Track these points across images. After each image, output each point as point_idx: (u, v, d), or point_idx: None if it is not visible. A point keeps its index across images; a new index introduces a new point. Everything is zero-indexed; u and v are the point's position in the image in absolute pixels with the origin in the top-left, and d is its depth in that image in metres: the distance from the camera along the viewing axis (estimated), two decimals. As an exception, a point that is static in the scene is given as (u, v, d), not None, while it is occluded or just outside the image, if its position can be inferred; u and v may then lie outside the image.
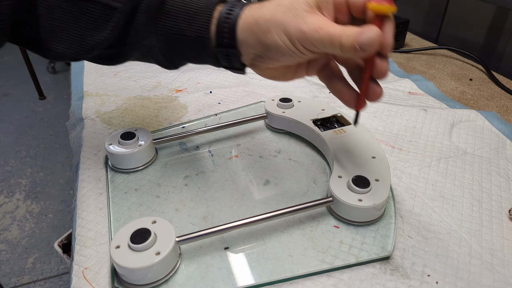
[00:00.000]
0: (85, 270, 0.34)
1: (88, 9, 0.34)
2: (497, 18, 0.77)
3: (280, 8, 0.30)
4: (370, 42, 0.27)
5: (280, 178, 0.44)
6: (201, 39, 0.34)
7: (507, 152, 0.49)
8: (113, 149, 0.44)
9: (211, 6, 0.34)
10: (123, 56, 0.37)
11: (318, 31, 0.29)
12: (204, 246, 0.36)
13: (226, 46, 0.33)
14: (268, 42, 0.31)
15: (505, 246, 0.36)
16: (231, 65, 0.35)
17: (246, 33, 0.32)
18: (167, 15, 0.34)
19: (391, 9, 0.28)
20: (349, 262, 0.34)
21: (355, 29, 0.28)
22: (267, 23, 0.31)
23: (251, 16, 0.32)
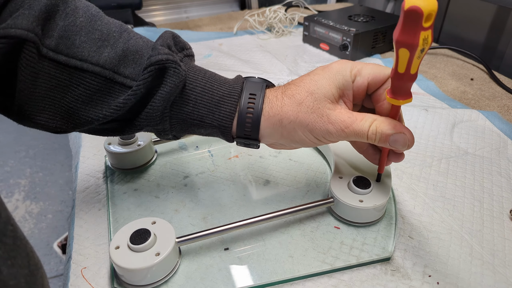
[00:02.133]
0: (83, 269, 0.34)
1: (84, 80, 0.30)
2: (498, 18, 0.76)
3: (303, 109, 0.31)
4: (403, 145, 0.29)
5: (280, 178, 0.44)
6: (222, 128, 0.32)
7: (508, 152, 0.49)
8: (113, 149, 0.44)
9: (235, 96, 0.32)
10: (121, 132, 0.33)
11: (344, 131, 0.30)
12: (204, 247, 0.36)
13: (247, 138, 0.33)
14: (294, 139, 0.32)
15: (506, 246, 0.36)
16: (248, 147, 0.35)
17: (269, 130, 0.32)
18: (186, 100, 0.32)
19: (408, 101, 0.29)
20: (350, 263, 0.34)
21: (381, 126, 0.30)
22: (292, 124, 0.31)
23: (275, 116, 0.32)
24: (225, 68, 0.72)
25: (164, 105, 0.31)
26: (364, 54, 0.79)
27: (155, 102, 0.30)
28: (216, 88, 0.32)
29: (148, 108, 0.31)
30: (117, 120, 0.32)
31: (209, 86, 0.32)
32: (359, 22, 0.80)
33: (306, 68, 0.75)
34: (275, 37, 0.91)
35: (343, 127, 0.30)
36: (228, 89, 0.32)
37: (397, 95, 0.28)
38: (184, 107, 0.32)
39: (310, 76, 0.32)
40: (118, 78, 0.30)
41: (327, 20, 0.80)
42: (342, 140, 0.32)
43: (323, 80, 0.31)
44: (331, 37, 0.79)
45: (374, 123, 0.30)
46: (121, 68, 0.30)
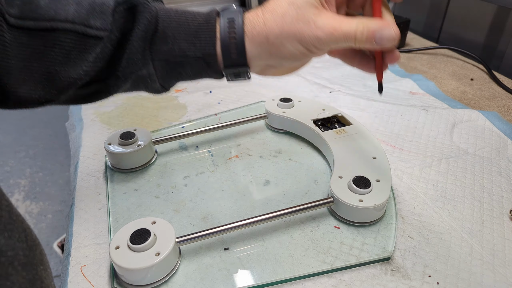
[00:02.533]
0: (83, 267, 0.34)
1: (58, 40, 0.28)
2: (498, 18, 0.76)
3: (288, 19, 0.30)
4: (389, 40, 0.29)
5: (280, 178, 0.44)
6: (208, 57, 0.31)
7: (508, 152, 0.49)
8: (113, 149, 0.44)
9: (212, 21, 0.31)
10: (108, 91, 0.32)
11: (333, 34, 0.29)
12: (204, 247, 0.36)
13: (235, 65, 0.32)
14: (283, 55, 0.31)
15: (506, 246, 0.36)
16: (239, 78, 0.34)
17: (257, 50, 0.31)
18: (162, 38, 0.31)
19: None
20: (350, 262, 0.34)
21: (367, 24, 0.29)
22: (279, 38, 0.30)
23: (259, 34, 0.30)
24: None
25: (143, 46, 0.30)
26: (364, 54, 0.78)
27: (133, 44, 0.30)
28: (191, 20, 0.31)
29: (127, 53, 0.30)
30: (99, 80, 0.31)
31: (184, 19, 0.31)
32: (359, 22, 0.80)
33: (306, 69, 0.74)
34: (275, 37, 0.91)
35: (332, 30, 0.29)
36: (204, 18, 0.31)
37: None
38: (163, 45, 0.31)
39: None
40: (90, 31, 0.29)
41: (327, 20, 0.80)
42: (332, 45, 0.30)
43: None
44: (331, 37, 0.79)
45: (360, 22, 0.29)
46: (91, 21, 0.29)
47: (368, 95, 0.63)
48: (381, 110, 0.57)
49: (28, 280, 0.24)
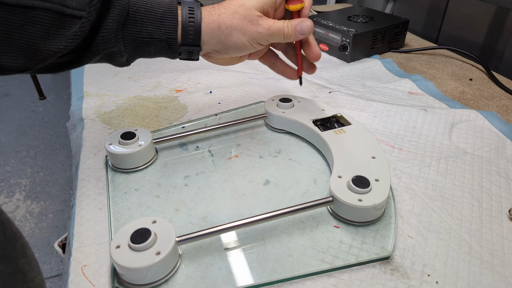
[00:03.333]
0: (83, 267, 0.34)
1: (38, 17, 0.32)
2: (497, 18, 0.77)
3: (237, 16, 0.39)
4: (307, 29, 0.41)
5: (280, 178, 0.44)
6: (170, 40, 0.38)
7: (507, 152, 0.49)
8: (113, 149, 0.44)
9: (174, 10, 0.38)
10: (79, 62, 0.36)
11: (269, 29, 0.40)
12: (204, 246, 0.36)
13: (190, 45, 0.39)
14: (229, 43, 0.40)
15: (505, 246, 0.36)
16: (191, 57, 0.41)
17: (209, 35, 0.39)
18: (132, 21, 0.36)
19: (302, 5, 0.42)
20: (349, 262, 0.34)
21: (291, 21, 0.41)
22: (229, 28, 0.39)
23: (214, 22, 0.39)
24: (225, 68, 0.72)
25: (116, 27, 0.35)
26: (363, 54, 0.79)
27: (108, 25, 0.35)
28: (156, 7, 0.37)
29: (103, 32, 0.35)
30: (73, 51, 0.35)
31: (150, 6, 0.37)
32: (359, 22, 0.80)
33: (306, 69, 0.75)
34: (275, 38, 0.91)
35: (268, 26, 0.39)
36: (167, 6, 0.38)
37: (293, 2, 0.41)
38: (133, 27, 0.37)
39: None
40: (67, 10, 0.33)
41: (327, 20, 0.81)
42: (268, 40, 0.40)
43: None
44: (330, 37, 0.79)
45: (286, 21, 0.41)
46: (67, 1, 0.33)
47: (367, 95, 0.63)
48: (380, 110, 0.57)
49: (8, 274, 0.24)
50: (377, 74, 0.72)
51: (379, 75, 0.72)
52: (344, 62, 0.78)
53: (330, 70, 0.73)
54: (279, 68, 0.49)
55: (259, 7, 0.40)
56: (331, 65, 0.76)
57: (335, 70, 0.73)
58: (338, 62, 0.78)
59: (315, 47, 0.44)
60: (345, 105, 0.59)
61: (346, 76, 0.71)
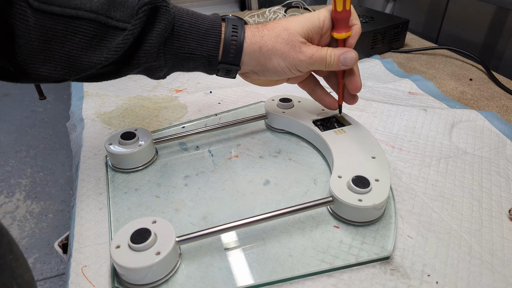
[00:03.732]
0: (84, 267, 0.34)
1: (81, 28, 0.31)
2: (497, 18, 0.77)
3: (280, 40, 0.37)
4: (351, 61, 0.39)
5: (280, 178, 0.44)
6: (211, 57, 0.37)
7: (507, 152, 0.49)
8: (113, 149, 0.44)
9: (218, 27, 0.37)
10: (118, 74, 0.36)
11: (311, 57, 0.38)
12: (204, 246, 0.36)
13: (230, 64, 0.38)
14: (268, 66, 0.39)
15: (505, 246, 0.36)
16: (228, 75, 0.40)
17: (249, 56, 0.38)
18: (176, 36, 0.36)
19: (348, 34, 0.39)
20: (349, 262, 0.34)
21: (335, 50, 0.39)
22: (269, 52, 0.38)
23: (256, 43, 0.37)
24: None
25: (159, 42, 0.34)
26: (363, 54, 0.79)
27: (152, 39, 0.34)
28: (200, 23, 0.36)
29: (146, 46, 0.34)
30: (113, 63, 0.34)
31: (195, 22, 0.36)
32: (359, 22, 0.80)
33: (306, 69, 0.75)
34: (275, 38, 0.91)
35: (311, 54, 0.38)
36: (211, 22, 0.37)
37: (339, 30, 0.39)
38: (175, 42, 0.36)
39: (286, 18, 0.40)
40: (111, 22, 0.32)
41: (327, 20, 0.80)
42: (309, 67, 0.39)
43: (297, 21, 0.38)
44: (331, 37, 0.79)
45: (329, 49, 0.39)
46: (112, 12, 0.32)
47: (367, 95, 0.63)
48: (380, 110, 0.57)
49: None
50: (377, 74, 0.72)
51: (379, 75, 0.72)
52: (344, 62, 0.77)
53: (330, 70, 0.73)
54: (318, 95, 0.46)
55: (304, 32, 0.38)
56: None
57: (335, 70, 0.73)
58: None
59: (357, 78, 0.41)
60: (345, 105, 0.59)
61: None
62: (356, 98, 0.44)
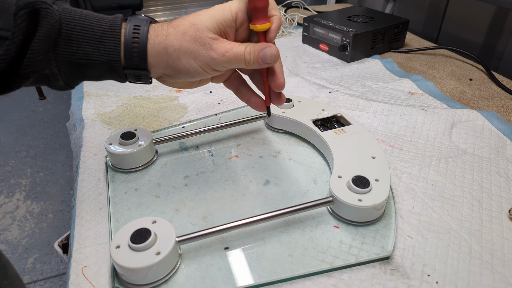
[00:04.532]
0: (84, 268, 0.34)
1: None
2: (497, 18, 0.77)
3: (186, 37, 0.33)
4: (271, 57, 0.34)
5: (280, 178, 0.44)
6: (112, 62, 0.33)
7: (507, 152, 0.49)
8: (113, 149, 0.44)
9: (117, 28, 0.33)
10: (10, 87, 0.32)
11: (225, 55, 0.33)
12: (204, 246, 0.36)
13: (136, 68, 0.34)
14: (178, 68, 0.34)
15: (505, 246, 0.36)
16: (140, 81, 0.36)
17: (156, 58, 0.34)
18: (66, 40, 0.32)
19: (267, 26, 0.34)
20: (349, 262, 0.34)
21: (254, 46, 0.34)
22: (177, 52, 0.33)
23: (160, 44, 0.33)
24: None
25: (45, 47, 0.31)
26: (363, 54, 0.79)
27: (35, 46, 0.30)
28: (95, 24, 0.33)
29: (30, 54, 0.30)
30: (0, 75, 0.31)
31: (88, 24, 0.32)
32: (359, 22, 0.80)
33: (305, 69, 0.75)
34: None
35: (224, 51, 0.33)
36: (109, 23, 0.33)
37: (256, 21, 0.34)
38: (67, 48, 0.32)
39: (195, 13, 0.35)
40: None
41: (327, 20, 0.81)
42: (225, 66, 0.34)
43: (206, 15, 0.34)
44: (330, 37, 0.79)
45: (248, 46, 0.34)
46: None
47: (367, 95, 0.63)
48: (380, 110, 0.57)
49: None
50: (377, 74, 0.72)
51: (379, 75, 0.72)
52: (344, 62, 0.78)
53: (330, 70, 0.73)
54: (243, 95, 0.41)
55: (214, 27, 0.33)
56: (331, 65, 0.76)
57: (335, 70, 0.73)
58: (338, 62, 0.78)
59: (279, 75, 0.36)
60: (345, 105, 0.59)
61: (346, 76, 0.71)
62: (283, 98, 0.39)
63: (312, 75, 0.71)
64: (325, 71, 0.73)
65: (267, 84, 0.38)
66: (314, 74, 0.72)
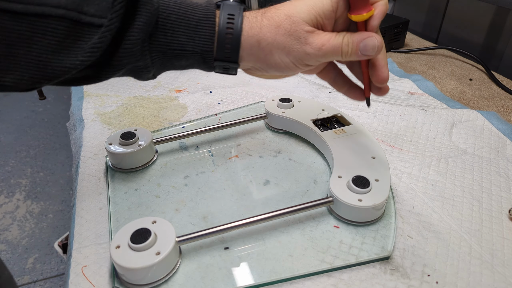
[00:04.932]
0: (84, 267, 0.34)
1: (50, 27, 0.26)
2: (497, 18, 0.77)
3: (281, 31, 0.31)
4: (372, 49, 0.31)
5: (280, 178, 0.44)
6: (204, 53, 0.31)
7: (507, 152, 0.49)
8: (113, 149, 0.44)
9: (211, 17, 0.31)
10: (98, 78, 0.31)
11: (321, 48, 0.31)
12: (204, 246, 0.36)
13: (227, 61, 0.32)
14: (269, 63, 0.32)
15: (505, 246, 0.36)
16: (227, 72, 0.34)
17: (247, 51, 0.32)
18: (162, 29, 0.30)
19: (369, 14, 0.30)
20: (349, 262, 0.34)
21: (352, 36, 0.31)
22: (269, 46, 0.31)
23: (254, 37, 0.31)
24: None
25: (143, 37, 0.29)
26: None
27: (133, 35, 0.29)
28: (190, 13, 0.31)
29: (127, 43, 0.29)
30: (91, 66, 0.29)
31: (183, 12, 0.31)
32: (359, 22, 0.80)
33: (306, 69, 0.75)
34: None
35: (320, 45, 0.31)
36: (203, 11, 0.31)
37: (356, 10, 0.30)
38: (162, 37, 0.30)
39: (290, 2, 0.32)
40: (85, 18, 0.27)
41: (327, 20, 0.80)
42: (321, 59, 0.32)
43: (303, 6, 0.31)
44: (331, 37, 0.79)
45: (346, 36, 0.31)
46: (84, 7, 0.27)
47: (368, 95, 0.63)
48: (380, 110, 0.57)
49: None
50: (377, 74, 0.72)
51: (379, 75, 0.72)
52: (344, 62, 0.77)
53: (330, 70, 0.73)
54: (340, 86, 0.39)
55: (311, 19, 0.31)
56: (331, 65, 0.76)
57: (335, 70, 0.73)
58: (338, 62, 0.78)
59: (382, 68, 0.33)
60: (345, 105, 0.59)
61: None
62: (385, 89, 0.36)
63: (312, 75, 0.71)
64: (325, 71, 0.73)
65: (366, 75, 0.35)
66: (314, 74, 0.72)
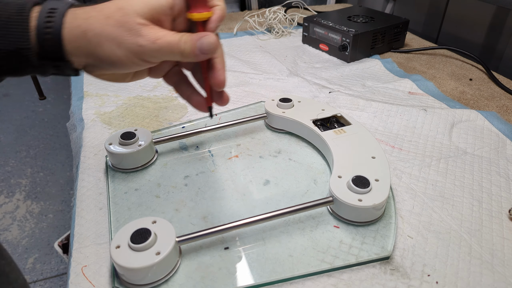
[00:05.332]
0: (84, 267, 0.34)
1: None
2: (497, 18, 0.77)
3: (111, 22, 0.29)
4: (208, 46, 0.30)
5: (280, 178, 0.44)
6: (22, 51, 0.29)
7: (507, 152, 0.49)
8: (113, 149, 0.44)
9: (25, 12, 0.29)
10: None
11: (156, 42, 0.29)
12: (204, 246, 0.36)
13: (53, 58, 0.30)
14: (99, 56, 0.30)
15: (505, 246, 0.36)
16: (62, 73, 0.32)
17: (74, 44, 0.29)
18: None
19: (207, 15, 0.31)
20: (349, 262, 0.34)
21: (191, 35, 0.30)
22: (97, 37, 0.29)
23: (78, 28, 0.29)
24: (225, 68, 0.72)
25: None
26: (363, 54, 0.79)
27: None
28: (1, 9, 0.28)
29: None
30: None
31: None
32: (358, 22, 0.80)
33: (305, 69, 0.75)
34: (274, 38, 0.91)
35: (155, 38, 0.29)
36: (16, 7, 0.29)
37: (195, 10, 0.30)
38: None
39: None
40: None
41: (327, 20, 0.81)
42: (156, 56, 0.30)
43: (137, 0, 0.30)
44: (330, 37, 0.79)
45: (185, 35, 0.30)
46: None
47: (367, 95, 0.63)
48: (380, 110, 0.57)
49: None
50: (377, 74, 0.72)
51: (379, 75, 0.72)
52: (344, 62, 0.78)
53: (330, 70, 0.73)
54: (184, 92, 0.38)
55: (145, 13, 0.29)
56: (331, 65, 0.76)
57: (335, 70, 0.73)
58: (338, 62, 0.78)
59: (220, 71, 0.33)
60: (345, 105, 0.59)
61: (346, 76, 0.71)
62: (225, 98, 0.36)
63: (312, 75, 0.71)
64: (325, 71, 0.73)
65: (207, 81, 0.35)
66: (314, 74, 0.72)
